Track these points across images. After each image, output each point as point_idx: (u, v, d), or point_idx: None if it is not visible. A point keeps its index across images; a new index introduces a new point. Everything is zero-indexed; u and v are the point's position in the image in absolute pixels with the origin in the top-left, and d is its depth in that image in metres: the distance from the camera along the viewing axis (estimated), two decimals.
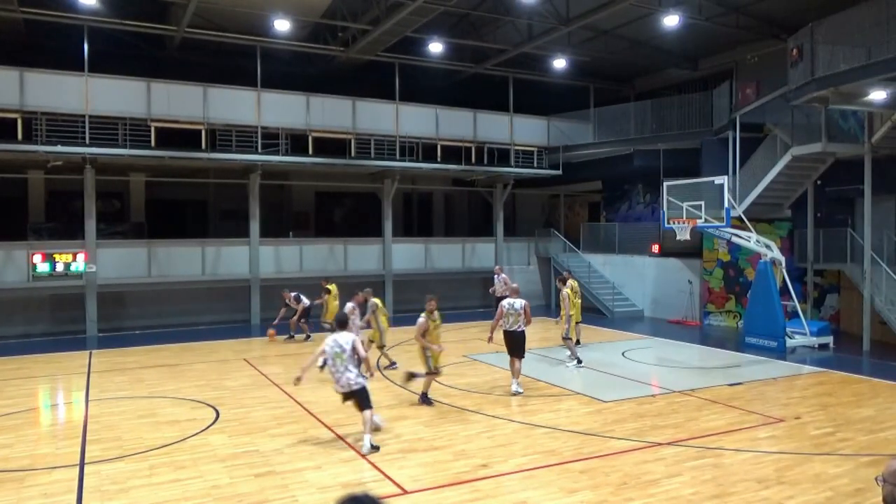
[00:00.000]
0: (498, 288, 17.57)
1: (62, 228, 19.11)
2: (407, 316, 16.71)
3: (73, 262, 17.35)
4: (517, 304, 10.84)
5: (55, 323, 18.06)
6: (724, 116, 18.64)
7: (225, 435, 8.58)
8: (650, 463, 7.44)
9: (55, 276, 17.20)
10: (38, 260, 16.97)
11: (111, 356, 14.47)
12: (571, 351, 13.36)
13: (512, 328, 10.83)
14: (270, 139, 19.06)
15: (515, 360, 10.87)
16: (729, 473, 7.14)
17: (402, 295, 21.27)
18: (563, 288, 13.89)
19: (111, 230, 19.30)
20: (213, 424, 9.07)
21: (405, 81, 20.95)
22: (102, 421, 9.27)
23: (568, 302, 13.38)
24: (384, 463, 7.44)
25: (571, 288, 13.92)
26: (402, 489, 6.69)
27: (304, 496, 6.53)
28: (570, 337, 13.45)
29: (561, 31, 18.34)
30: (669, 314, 20.37)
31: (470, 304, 22.91)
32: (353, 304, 12.43)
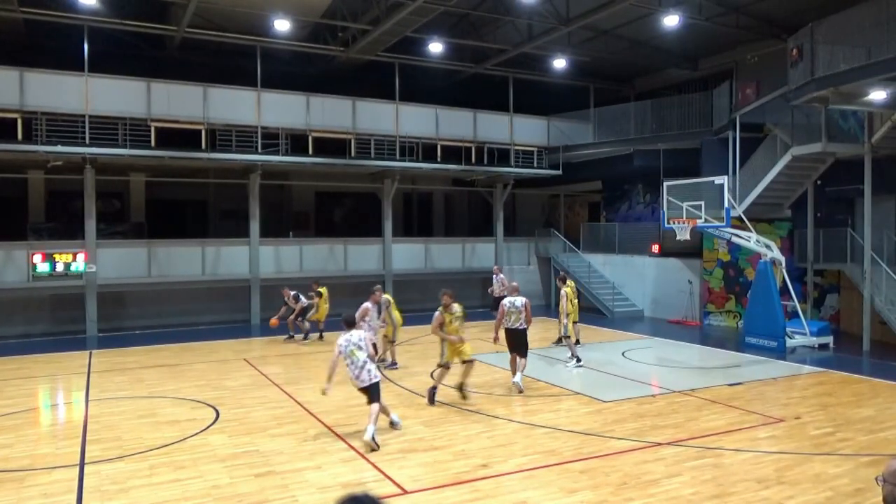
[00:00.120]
0: (496, 288, 17.61)
1: (62, 228, 19.11)
2: (407, 316, 16.66)
3: (73, 262, 17.35)
4: (518, 301, 10.97)
5: (55, 323, 18.06)
6: (724, 116, 18.64)
7: (225, 435, 8.58)
8: (650, 463, 7.44)
9: (55, 276, 17.20)
10: (38, 260, 16.97)
11: (111, 356, 14.47)
12: (571, 350, 13.37)
13: (513, 326, 10.97)
14: (270, 139, 19.06)
15: (517, 356, 10.98)
16: (729, 473, 7.14)
17: (402, 295, 21.18)
18: (562, 286, 13.95)
19: (111, 230, 19.30)
20: (213, 424, 9.07)
21: (405, 81, 20.95)
22: (102, 421, 9.27)
23: (566, 300, 13.44)
24: (384, 463, 7.44)
25: (570, 287, 13.98)
26: (402, 489, 6.70)
27: (304, 496, 6.53)
28: (569, 335, 13.49)
29: (561, 31, 18.34)
30: (669, 314, 20.37)
31: (470, 304, 22.69)
32: (369, 303, 12.34)
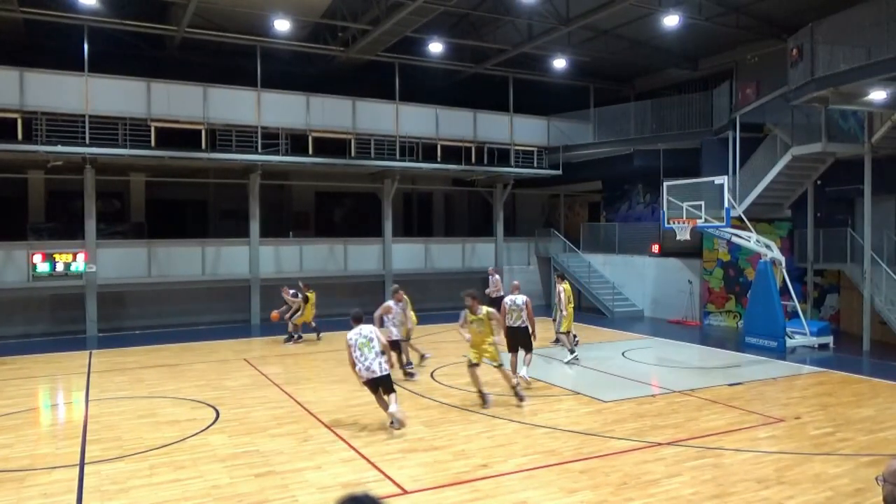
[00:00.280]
0: (492, 289, 17.63)
1: (62, 228, 19.10)
2: None
3: (73, 262, 17.34)
4: (519, 300, 10.99)
5: (55, 323, 18.05)
6: (724, 116, 18.63)
7: (225, 435, 8.57)
8: (650, 463, 7.44)
9: (55, 276, 17.20)
10: (38, 260, 16.97)
11: (111, 356, 14.47)
12: (566, 344, 13.50)
13: (514, 324, 10.96)
14: (270, 139, 19.06)
15: (517, 355, 11.02)
16: (729, 473, 7.14)
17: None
18: (560, 283, 13.98)
19: (111, 230, 19.29)
20: (213, 424, 9.06)
21: (405, 81, 20.95)
22: (102, 421, 9.26)
23: (564, 297, 13.48)
24: (384, 463, 7.43)
25: (567, 287, 14.03)
26: (402, 489, 6.69)
27: (304, 496, 6.53)
28: (563, 332, 13.56)
29: (561, 31, 18.34)
30: (669, 314, 20.37)
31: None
32: (392, 302, 12.03)
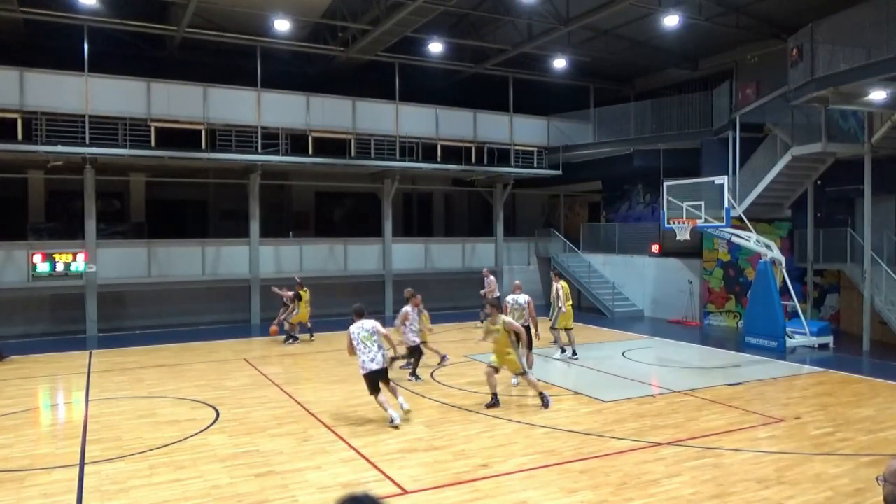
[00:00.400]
0: (487, 290, 17.65)
1: (62, 228, 19.10)
2: None
3: (73, 262, 17.34)
4: (521, 299, 11.00)
5: (55, 323, 18.05)
6: (724, 116, 18.63)
7: (225, 435, 8.57)
8: (650, 463, 7.44)
9: (55, 276, 17.20)
10: (38, 260, 16.97)
11: (111, 356, 14.47)
12: (558, 340, 13.52)
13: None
14: (270, 139, 19.06)
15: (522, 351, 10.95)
16: (729, 473, 7.14)
17: (402, 295, 21.22)
18: (556, 281, 13.91)
19: (111, 230, 19.30)
20: (213, 424, 9.07)
21: (405, 81, 20.95)
22: (102, 421, 9.27)
23: (562, 293, 13.45)
24: (384, 463, 7.44)
25: (564, 285, 13.99)
26: (402, 489, 6.69)
27: (304, 496, 6.53)
28: (556, 328, 13.55)
29: (561, 31, 18.34)
30: (669, 314, 20.37)
31: (470, 304, 22.83)
32: (409, 307, 11.84)
